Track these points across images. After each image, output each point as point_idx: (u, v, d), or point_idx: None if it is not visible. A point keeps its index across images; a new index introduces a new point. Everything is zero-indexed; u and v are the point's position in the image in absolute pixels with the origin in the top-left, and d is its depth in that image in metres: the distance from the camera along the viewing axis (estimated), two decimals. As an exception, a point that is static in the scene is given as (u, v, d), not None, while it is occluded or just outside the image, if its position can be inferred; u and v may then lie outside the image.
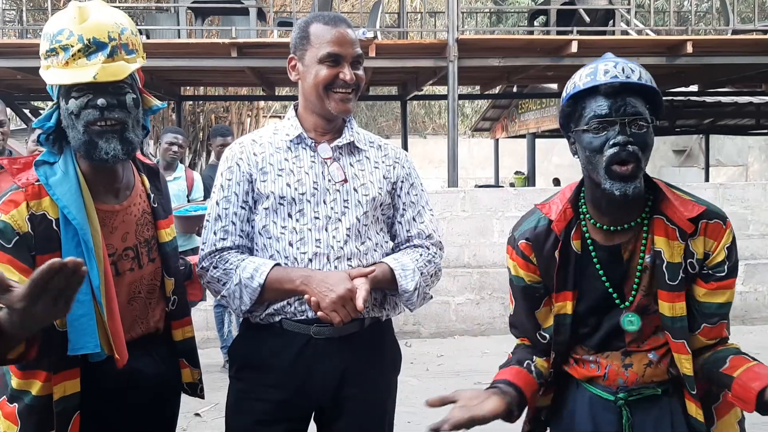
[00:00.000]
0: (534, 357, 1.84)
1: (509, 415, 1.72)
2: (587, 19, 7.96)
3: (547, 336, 1.83)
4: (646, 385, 1.75)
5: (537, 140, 14.72)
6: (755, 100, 12.22)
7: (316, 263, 1.92)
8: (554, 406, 1.88)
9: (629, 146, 1.59)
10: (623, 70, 1.62)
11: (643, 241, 1.70)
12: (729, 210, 7.01)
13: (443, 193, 6.71)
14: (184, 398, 2.06)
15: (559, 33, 7.79)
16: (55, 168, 1.68)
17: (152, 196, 1.89)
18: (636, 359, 1.75)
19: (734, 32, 8.02)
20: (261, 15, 7.97)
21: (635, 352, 1.76)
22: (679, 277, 1.67)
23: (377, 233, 2.03)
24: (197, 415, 4.62)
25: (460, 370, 5.66)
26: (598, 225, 1.73)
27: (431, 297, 2.10)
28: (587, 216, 1.75)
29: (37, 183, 1.66)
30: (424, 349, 6.22)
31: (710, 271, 1.69)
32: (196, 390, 2.01)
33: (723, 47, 7.83)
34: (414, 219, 2.08)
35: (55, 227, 1.64)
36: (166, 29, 7.72)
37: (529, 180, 15.21)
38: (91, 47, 1.62)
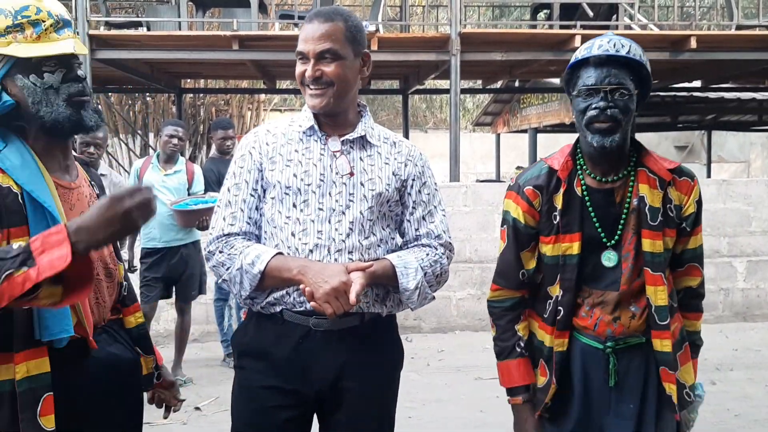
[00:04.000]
0: (517, 328, 2.12)
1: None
2: (590, 13, 7.93)
3: (527, 275, 2.11)
4: (631, 335, 2.04)
5: (539, 135, 14.67)
6: (758, 96, 12.17)
7: (317, 254, 1.93)
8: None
9: (608, 110, 1.92)
10: (614, 45, 1.94)
11: (630, 187, 2.02)
12: (731, 206, 7.00)
13: (445, 188, 6.68)
14: (183, 392, 2.06)
15: (562, 27, 7.76)
16: (8, 153, 1.64)
17: (92, 183, 1.93)
18: (623, 313, 2.02)
19: (738, 28, 7.99)
20: (262, 7, 7.93)
21: (623, 307, 2.03)
22: (659, 219, 1.99)
23: (383, 229, 2.03)
24: (197, 408, 4.61)
25: (461, 365, 5.66)
26: (592, 175, 2.04)
27: (433, 297, 2.10)
28: (584, 167, 2.05)
29: None
30: (425, 344, 6.22)
31: (684, 224, 2.04)
32: (151, 381, 2.04)
33: (726, 43, 7.80)
34: (424, 218, 2.08)
35: (20, 200, 1.62)
36: (167, 21, 7.68)
37: (531, 175, 15.11)
38: (60, 23, 1.68)
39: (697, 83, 11.18)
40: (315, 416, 2.06)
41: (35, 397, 1.61)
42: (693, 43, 7.31)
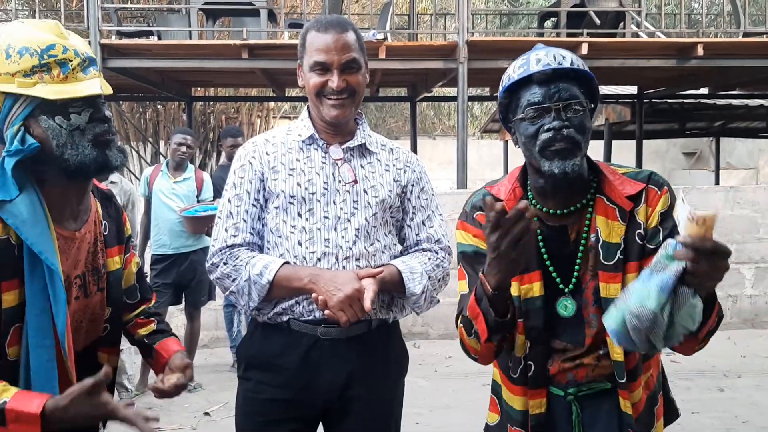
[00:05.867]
0: None
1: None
2: (597, 21, 7.94)
3: None
4: (596, 381, 1.71)
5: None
6: (766, 102, 12.14)
7: (325, 263, 1.93)
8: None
9: (564, 130, 1.61)
10: (554, 57, 1.65)
11: (587, 221, 1.69)
12: (739, 213, 6.99)
13: (452, 195, 6.70)
14: (193, 397, 2.07)
15: (569, 35, 7.78)
16: (19, 206, 1.54)
17: (105, 223, 1.82)
18: (587, 358, 1.70)
19: (745, 35, 7.99)
20: (272, 16, 7.99)
21: (588, 353, 1.70)
22: (616, 258, 1.64)
23: (386, 235, 2.05)
24: (206, 414, 4.65)
25: (469, 371, 5.65)
26: (544, 210, 1.72)
27: (438, 301, 2.11)
28: (533, 202, 1.74)
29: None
30: (433, 351, 6.23)
31: (648, 245, 1.64)
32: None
33: (734, 50, 7.80)
34: (423, 223, 2.09)
35: (16, 253, 1.54)
36: (178, 30, 7.75)
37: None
38: (86, 61, 1.60)
39: (704, 90, 11.17)
40: (321, 425, 2.06)
41: None
42: (700, 51, 7.31)
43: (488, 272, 1.54)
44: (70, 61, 1.56)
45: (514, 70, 1.68)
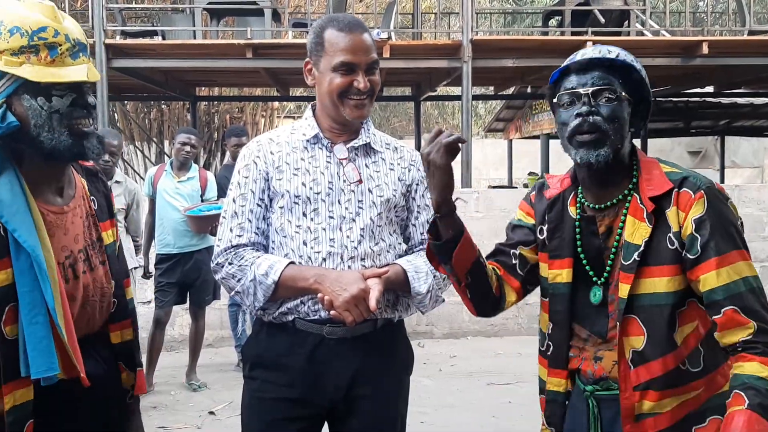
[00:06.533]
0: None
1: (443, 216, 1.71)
2: (602, 19, 7.92)
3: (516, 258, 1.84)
4: (608, 382, 1.69)
5: (551, 141, 14.63)
6: (772, 101, 12.12)
7: (330, 262, 1.93)
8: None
9: (590, 117, 1.62)
10: (600, 51, 1.67)
11: (622, 219, 1.67)
12: (744, 212, 6.97)
13: (457, 194, 6.69)
14: (198, 396, 2.08)
15: (573, 34, 7.76)
16: None
17: (93, 198, 1.85)
18: (607, 354, 1.68)
19: (750, 33, 7.96)
20: (276, 16, 7.99)
21: (607, 347, 1.68)
22: (632, 259, 1.61)
23: (390, 234, 2.04)
24: (211, 413, 4.66)
25: (473, 370, 5.66)
26: (585, 202, 1.74)
27: (443, 300, 2.10)
28: (581, 194, 1.76)
29: None
30: (437, 350, 6.23)
31: (687, 254, 1.58)
32: (127, 396, 1.93)
33: (739, 48, 7.78)
34: (428, 222, 2.09)
35: (3, 233, 1.57)
36: (182, 30, 7.76)
37: (543, 181, 15.08)
38: (76, 47, 1.61)
39: (709, 88, 11.13)
40: (326, 424, 2.06)
41: (20, 427, 1.59)
42: (705, 49, 7.29)
43: (430, 192, 1.71)
44: (60, 45, 1.58)
45: (564, 64, 1.73)
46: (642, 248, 1.61)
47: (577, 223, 1.73)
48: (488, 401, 4.85)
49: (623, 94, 1.64)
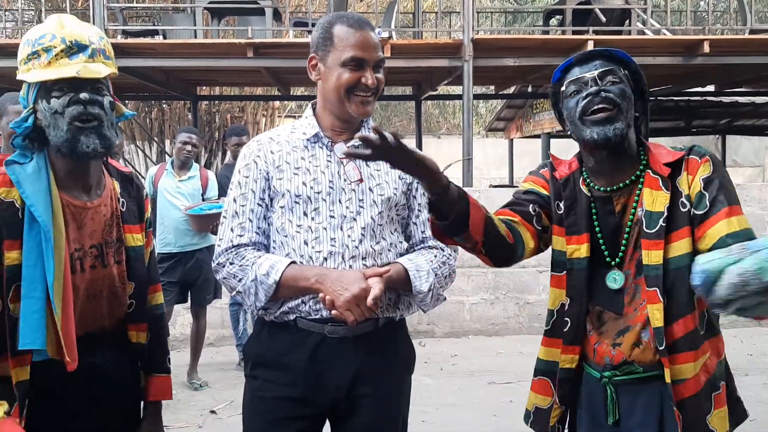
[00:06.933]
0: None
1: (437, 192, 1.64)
2: (603, 18, 7.92)
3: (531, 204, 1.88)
4: (631, 365, 1.76)
5: (552, 140, 14.64)
6: (773, 100, 12.11)
7: (331, 262, 1.93)
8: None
9: (602, 93, 1.71)
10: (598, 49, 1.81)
11: (636, 196, 1.76)
12: (746, 211, 6.90)
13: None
14: (199, 395, 2.09)
15: (574, 33, 7.75)
16: (26, 167, 1.73)
17: (123, 200, 1.95)
18: (626, 339, 1.76)
19: (751, 32, 7.96)
20: (277, 15, 7.99)
21: (628, 331, 1.76)
22: (658, 225, 1.70)
23: (392, 233, 2.04)
24: (213, 412, 4.66)
25: (474, 369, 5.66)
26: (596, 187, 1.82)
27: (445, 298, 2.10)
28: (587, 179, 1.84)
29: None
30: (439, 349, 6.23)
31: (695, 211, 1.69)
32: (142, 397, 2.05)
33: (740, 47, 7.77)
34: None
35: (20, 216, 1.69)
36: (183, 29, 7.76)
37: (544, 180, 15.07)
38: (73, 48, 1.71)
39: (710, 88, 11.12)
40: (328, 423, 2.06)
41: (23, 401, 1.68)
42: (706, 48, 7.28)
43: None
44: (54, 47, 1.70)
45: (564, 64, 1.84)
46: (665, 214, 1.70)
47: (592, 203, 1.81)
48: (489, 400, 4.85)
49: (627, 79, 1.77)
